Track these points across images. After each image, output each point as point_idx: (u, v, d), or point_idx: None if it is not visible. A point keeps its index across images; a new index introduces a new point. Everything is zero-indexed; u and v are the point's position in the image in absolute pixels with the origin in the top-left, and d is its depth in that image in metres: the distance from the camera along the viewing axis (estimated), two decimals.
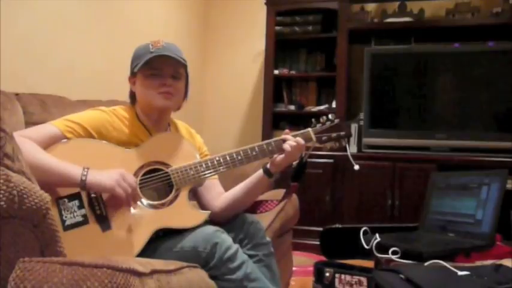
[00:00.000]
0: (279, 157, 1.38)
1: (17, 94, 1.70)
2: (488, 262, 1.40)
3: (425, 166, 2.85)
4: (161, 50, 1.35)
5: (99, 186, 1.20)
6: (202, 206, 1.48)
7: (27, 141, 1.20)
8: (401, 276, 1.21)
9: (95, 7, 2.48)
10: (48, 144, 1.25)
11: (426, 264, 1.33)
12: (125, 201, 1.23)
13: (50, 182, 1.14)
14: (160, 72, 1.36)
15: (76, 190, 1.22)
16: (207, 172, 1.36)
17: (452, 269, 1.22)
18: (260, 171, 1.42)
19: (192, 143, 1.47)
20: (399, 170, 2.96)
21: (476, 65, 2.99)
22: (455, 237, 1.60)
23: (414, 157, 2.97)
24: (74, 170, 1.20)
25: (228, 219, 1.42)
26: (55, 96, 1.87)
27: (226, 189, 1.50)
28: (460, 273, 1.19)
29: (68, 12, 2.28)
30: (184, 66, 1.41)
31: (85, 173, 1.19)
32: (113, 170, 1.22)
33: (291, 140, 1.37)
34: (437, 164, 2.84)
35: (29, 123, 1.59)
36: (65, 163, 1.21)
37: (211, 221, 1.38)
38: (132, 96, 1.45)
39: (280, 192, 1.61)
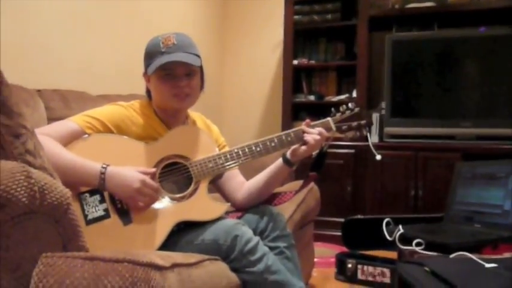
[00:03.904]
0: (300, 148, 1.37)
1: (38, 90, 1.73)
2: None
3: (449, 155, 2.78)
4: (172, 50, 1.33)
5: (118, 194, 1.23)
6: (225, 197, 1.49)
7: (48, 140, 1.21)
8: (426, 268, 1.19)
9: (113, 2, 2.49)
10: (68, 140, 1.27)
11: (451, 256, 1.30)
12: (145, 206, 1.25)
13: (71, 182, 1.15)
14: (173, 72, 1.35)
15: None
16: (226, 164, 1.36)
17: (479, 261, 1.19)
18: (280, 161, 1.41)
19: (210, 135, 1.47)
20: (422, 160, 2.89)
21: (502, 49, 2.89)
22: (482, 228, 1.56)
23: (438, 146, 2.90)
24: (92, 172, 1.21)
25: (251, 207, 1.42)
26: (76, 92, 1.89)
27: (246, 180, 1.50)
28: (487, 265, 1.16)
29: (86, 8, 2.29)
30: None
31: (102, 181, 1.20)
32: (132, 176, 1.22)
33: (313, 132, 1.35)
34: (463, 153, 2.77)
35: (51, 119, 1.62)
36: (85, 164, 1.22)
37: (237, 210, 1.40)
38: (149, 91, 1.45)
39: (298, 184, 1.60)
